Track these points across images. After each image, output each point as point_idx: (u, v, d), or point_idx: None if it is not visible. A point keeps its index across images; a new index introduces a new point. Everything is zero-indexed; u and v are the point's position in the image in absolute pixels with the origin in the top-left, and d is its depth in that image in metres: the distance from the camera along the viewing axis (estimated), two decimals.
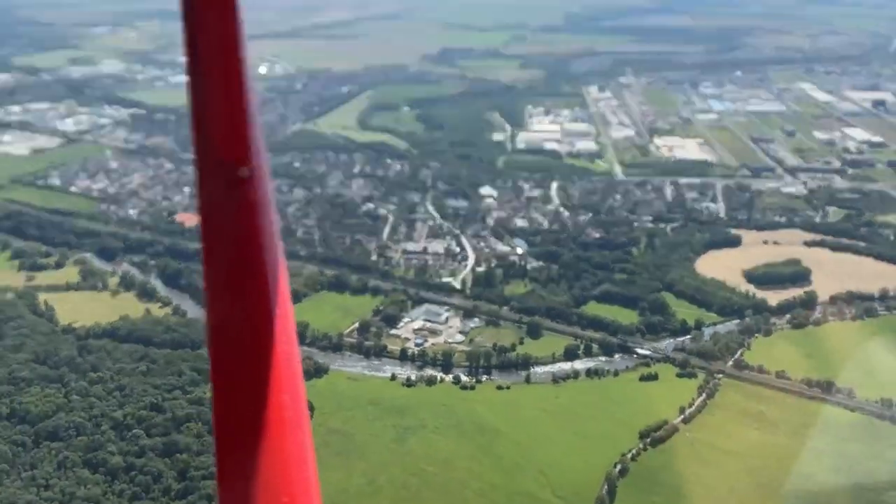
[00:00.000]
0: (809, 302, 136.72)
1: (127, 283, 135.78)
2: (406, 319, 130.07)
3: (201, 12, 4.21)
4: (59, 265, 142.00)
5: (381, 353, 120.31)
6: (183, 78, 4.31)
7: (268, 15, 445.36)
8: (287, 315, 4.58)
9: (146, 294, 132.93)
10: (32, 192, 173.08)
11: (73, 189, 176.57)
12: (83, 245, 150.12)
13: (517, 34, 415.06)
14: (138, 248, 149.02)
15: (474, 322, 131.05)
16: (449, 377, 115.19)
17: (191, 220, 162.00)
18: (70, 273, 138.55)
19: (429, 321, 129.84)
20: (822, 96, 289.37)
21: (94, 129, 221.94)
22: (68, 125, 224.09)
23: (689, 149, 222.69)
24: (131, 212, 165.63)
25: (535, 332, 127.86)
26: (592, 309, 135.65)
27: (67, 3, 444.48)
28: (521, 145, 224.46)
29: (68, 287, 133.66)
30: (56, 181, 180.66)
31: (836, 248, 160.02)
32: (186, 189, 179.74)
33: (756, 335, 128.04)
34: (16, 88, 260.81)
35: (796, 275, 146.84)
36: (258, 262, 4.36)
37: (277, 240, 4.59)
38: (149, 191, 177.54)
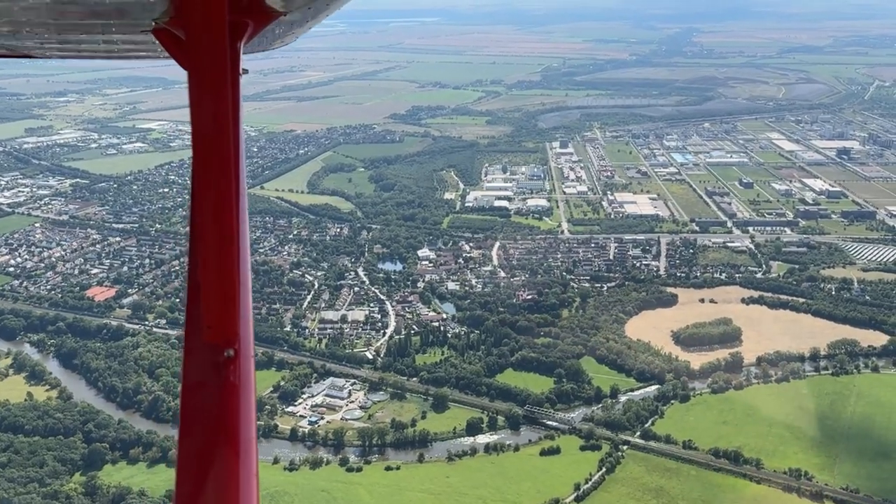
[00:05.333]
0: (734, 364, 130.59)
1: (18, 366, 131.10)
2: (306, 395, 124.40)
3: (203, 196, 4.45)
4: None
5: (269, 433, 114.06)
6: (135, 145, 3.78)
7: (241, 78, 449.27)
8: (252, 497, 4.56)
9: (35, 376, 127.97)
10: None
11: None
12: None
13: (491, 91, 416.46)
14: (40, 326, 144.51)
15: (379, 395, 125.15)
16: (337, 458, 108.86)
17: (101, 293, 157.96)
18: None
19: (330, 396, 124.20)
20: (788, 146, 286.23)
21: (30, 201, 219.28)
22: (5, 198, 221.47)
23: (640, 204, 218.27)
24: (43, 287, 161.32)
25: (440, 405, 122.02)
26: (508, 377, 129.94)
27: (39, 73, 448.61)
28: (470, 203, 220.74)
29: None
30: None
31: (774, 305, 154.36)
32: (107, 261, 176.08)
33: (672, 401, 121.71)
34: None
35: (725, 335, 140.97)
36: (232, 443, 4.41)
37: (254, 420, 4.65)
38: (67, 264, 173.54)
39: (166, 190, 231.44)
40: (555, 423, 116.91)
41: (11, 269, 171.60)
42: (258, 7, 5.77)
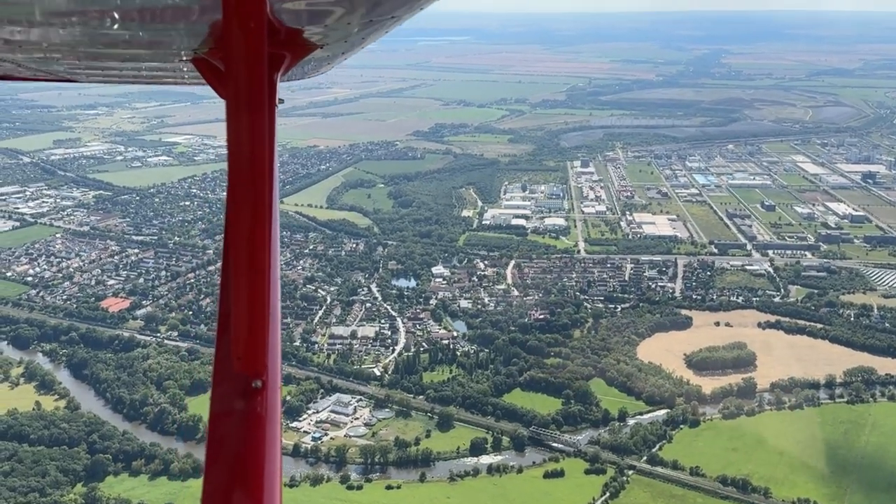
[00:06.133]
0: (747, 390, 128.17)
1: (30, 375, 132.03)
2: (311, 411, 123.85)
3: (237, 226, 4.53)
4: None
5: None
6: (159, 158, 3.89)
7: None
8: None
9: (45, 386, 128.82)
10: None
11: (9, 274, 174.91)
12: None
13: (515, 109, 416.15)
14: (54, 336, 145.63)
15: (384, 413, 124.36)
16: (338, 476, 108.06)
17: (115, 304, 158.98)
18: None
19: (335, 412, 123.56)
20: (812, 169, 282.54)
21: (53, 212, 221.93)
22: (30, 208, 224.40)
23: (659, 225, 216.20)
24: (59, 297, 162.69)
25: (445, 424, 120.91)
26: (516, 396, 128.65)
27: (71, 87, 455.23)
28: (487, 221, 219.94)
29: None
30: None
31: (791, 330, 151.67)
32: (124, 273, 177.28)
33: (682, 426, 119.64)
34: None
35: (739, 360, 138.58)
36: (256, 474, 4.44)
37: (278, 451, 4.68)
38: (84, 275, 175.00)
39: (187, 203, 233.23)
40: (560, 446, 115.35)
41: (30, 278, 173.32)
42: (297, 40, 5.84)
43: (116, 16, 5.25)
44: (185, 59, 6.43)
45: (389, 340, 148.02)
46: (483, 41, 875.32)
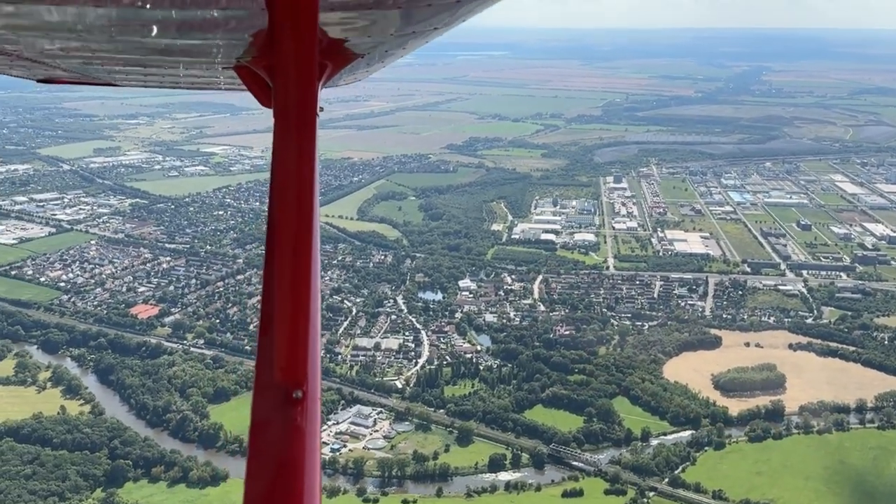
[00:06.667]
0: (775, 412, 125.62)
1: (57, 379, 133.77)
2: (331, 422, 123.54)
3: (280, 236, 4.61)
4: None
5: None
6: (196, 168, 3.96)
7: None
8: None
9: (72, 391, 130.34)
10: (0, 282, 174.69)
11: (42, 279, 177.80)
12: (30, 337, 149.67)
13: (550, 124, 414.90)
14: (83, 341, 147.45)
15: (404, 426, 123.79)
16: (355, 488, 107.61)
17: (145, 311, 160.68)
18: (5, 367, 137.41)
19: (355, 424, 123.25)
20: (851, 188, 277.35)
21: (90, 219, 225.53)
22: (66, 215, 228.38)
23: (691, 242, 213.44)
24: (90, 303, 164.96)
25: (465, 439, 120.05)
26: (537, 413, 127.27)
27: (114, 96, 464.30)
28: (517, 236, 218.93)
29: None
30: (29, 271, 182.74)
31: (822, 352, 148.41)
32: (155, 280, 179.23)
33: (706, 448, 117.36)
34: (31, 178, 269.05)
35: (768, 382, 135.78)
36: (297, 484, 4.51)
37: (318, 461, 4.73)
38: (116, 281, 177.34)
39: (221, 212, 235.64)
40: (580, 464, 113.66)
41: (62, 284, 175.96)
42: (340, 50, 6.09)
43: (160, 25, 5.37)
44: (226, 66, 6.63)
45: (413, 353, 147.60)
46: (521, 56, 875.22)
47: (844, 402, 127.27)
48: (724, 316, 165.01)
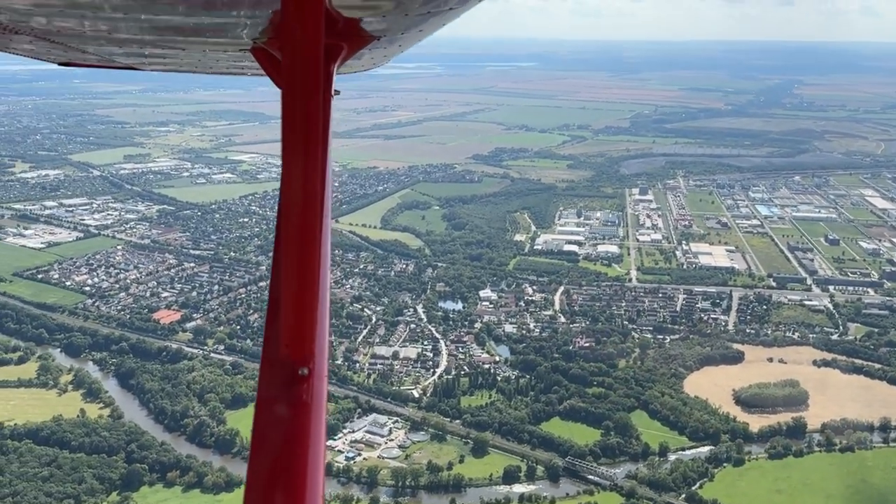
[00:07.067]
0: (796, 429, 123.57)
1: (78, 382, 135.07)
2: (347, 430, 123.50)
3: (289, 213, 4.60)
4: (21, 360, 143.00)
5: None
6: (224, 175, 4.12)
7: (335, 115, 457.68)
8: None
9: (92, 394, 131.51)
10: (28, 286, 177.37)
11: (68, 283, 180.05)
12: (53, 341, 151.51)
13: (577, 135, 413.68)
14: (105, 345, 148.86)
15: (420, 436, 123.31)
16: (368, 497, 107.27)
17: (167, 317, 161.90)
18: (28, 369, 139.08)
19: (371, 433, 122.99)
20: (881, 203, 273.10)
21: (117, 224, 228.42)
22: (94, 220, 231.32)
23: (716, 255, 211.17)
24: (114, 308, 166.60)
25: (480, 450, 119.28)
26: (554, 425, 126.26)
27: (146, 103, 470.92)
28: (539, 246, 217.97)
29: (20, 383, 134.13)
30: (55, 275, 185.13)
31: (847, 369, 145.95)
32: (178, 286, 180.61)
33: (725, 464, 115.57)
34: (62, 184, 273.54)
35: (790, 398, 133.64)
36: (300, 461, 4.52)
37: (323, 439, 4.78)
38: (140, 286, 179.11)
39: (246, 220, 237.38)
40: (596, 478, 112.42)
41: (87, 288, 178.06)
42: (354, 31, 5.94)
43: (177, 5, 5.37)
44: (244, 48, 6.62)
45: (431, 362, 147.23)
46: (550, 67, 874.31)
47: (868, 420, 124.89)
48: (748, 330, 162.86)
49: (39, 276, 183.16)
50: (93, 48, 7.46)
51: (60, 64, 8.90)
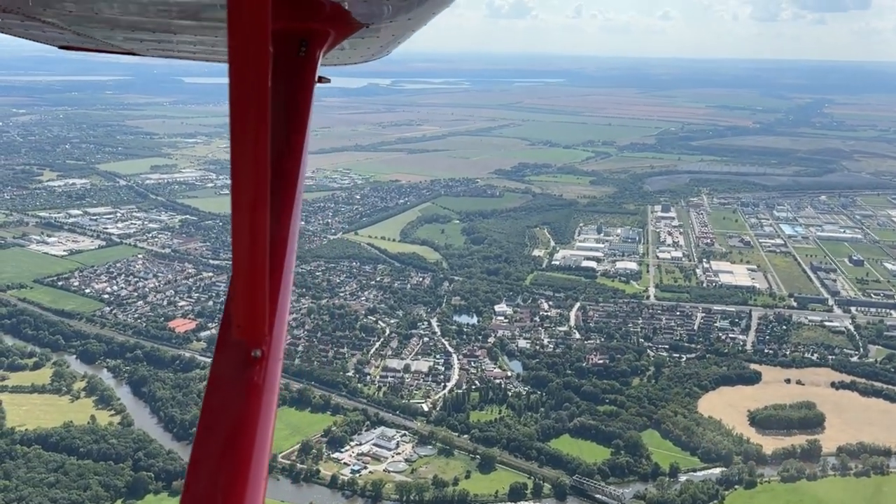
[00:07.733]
0: (811, 452, 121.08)
1: (91, 389, 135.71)
2: (354, 442, 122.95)
3: (240, 193, 4.33)
4: (37, 366, 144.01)
5: (310, 478, 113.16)
6: None
7: (361, 128, 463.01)
8: (258, 499, 4.55)
9: (104, 401, 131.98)
10: (47, 292, 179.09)
11: (87, 290, 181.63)
12: (69, 347, 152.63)
13: (601, 152, 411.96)
14: (120, 353, 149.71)
15: (427, 450, 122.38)
16: None
17: (182, 325, 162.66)
18: (43, 375, 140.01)
19: (378, 446, 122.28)
20: None
21: (139, 233, 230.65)
22: (118, 229, 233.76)
23: (737, 274, 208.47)
24: (131, 316, 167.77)
25: (487, 466, 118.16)
26: (563, 443, 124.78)
27: (175, 115, 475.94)
28: (557, 262, 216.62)
29: (33, 389, 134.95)
30: (75, 282, 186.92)
31: (866, 392, 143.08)
32: (195, 295, 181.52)
33: (736, 487, 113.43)
34: (88, 192, 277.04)
35: (806, 420, 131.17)
36: (246, 443, 4.45)
37: (272, 422, 4.70)
38: (158, 295, 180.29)
39: None
40: (603, 497, 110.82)
41: (106, 295, 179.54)
42: (340, 16, 5.93)
43: None
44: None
45: (442, 376, 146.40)
46: (578, 84, 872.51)
47: (885, 445, 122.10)
48: (766, 351, 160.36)
49: (60, 284, 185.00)
50: (93, 33, 7.40)
51: (62, 48, 8.87)
